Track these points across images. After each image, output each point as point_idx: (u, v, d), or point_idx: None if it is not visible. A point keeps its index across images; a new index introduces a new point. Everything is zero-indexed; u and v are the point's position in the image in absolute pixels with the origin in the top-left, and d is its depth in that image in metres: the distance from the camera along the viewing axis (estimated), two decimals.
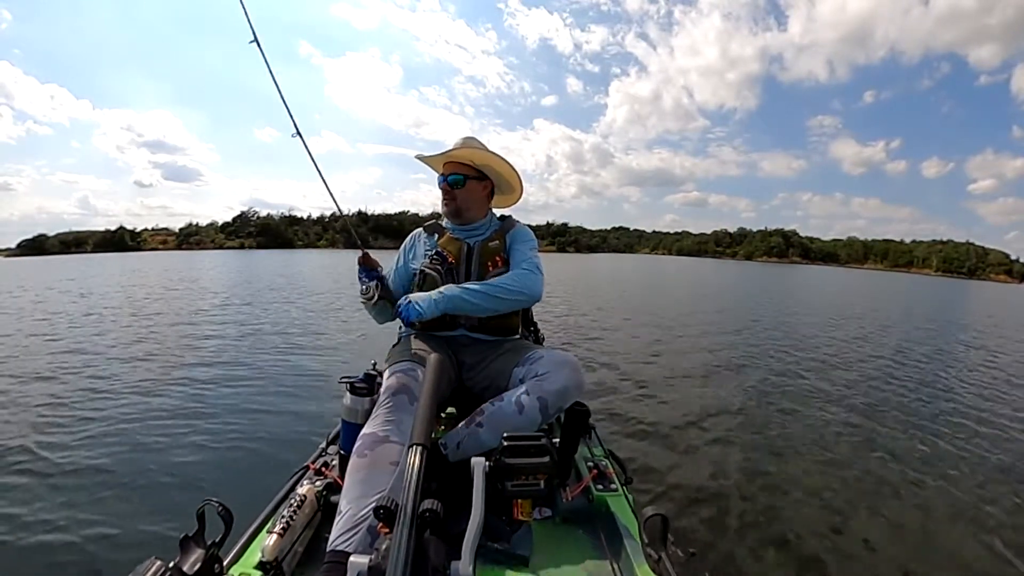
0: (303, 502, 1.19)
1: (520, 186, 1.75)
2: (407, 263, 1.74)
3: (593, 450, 1.63)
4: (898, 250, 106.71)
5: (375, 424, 1.20)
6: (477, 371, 1.54)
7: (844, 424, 4.22)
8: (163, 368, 4.21)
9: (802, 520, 2.69)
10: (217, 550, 0.99)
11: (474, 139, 1.67)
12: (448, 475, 1.24)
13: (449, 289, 1.48)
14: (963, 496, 2.99)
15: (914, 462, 3.49)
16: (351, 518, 1.02)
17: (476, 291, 1.47)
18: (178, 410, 3.83)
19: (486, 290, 1.47)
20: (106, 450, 3.13)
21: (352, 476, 1.11)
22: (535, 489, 1.06)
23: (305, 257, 43.90)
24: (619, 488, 1.40)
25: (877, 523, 2.69)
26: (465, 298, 1.46)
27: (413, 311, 1.44)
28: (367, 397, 1.42)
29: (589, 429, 1.71)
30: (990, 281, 77.51)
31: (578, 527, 1.31)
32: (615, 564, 1.16)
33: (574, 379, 1.32)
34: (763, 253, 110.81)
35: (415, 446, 0.78)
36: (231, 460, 3.04)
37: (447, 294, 1.46)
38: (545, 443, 1.08)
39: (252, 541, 1.10)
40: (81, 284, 16.66)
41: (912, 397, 5.14)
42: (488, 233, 1.67)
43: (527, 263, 1.56)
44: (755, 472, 3.25)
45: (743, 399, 4.86)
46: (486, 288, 1.47)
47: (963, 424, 4.31)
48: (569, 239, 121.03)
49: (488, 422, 1.30)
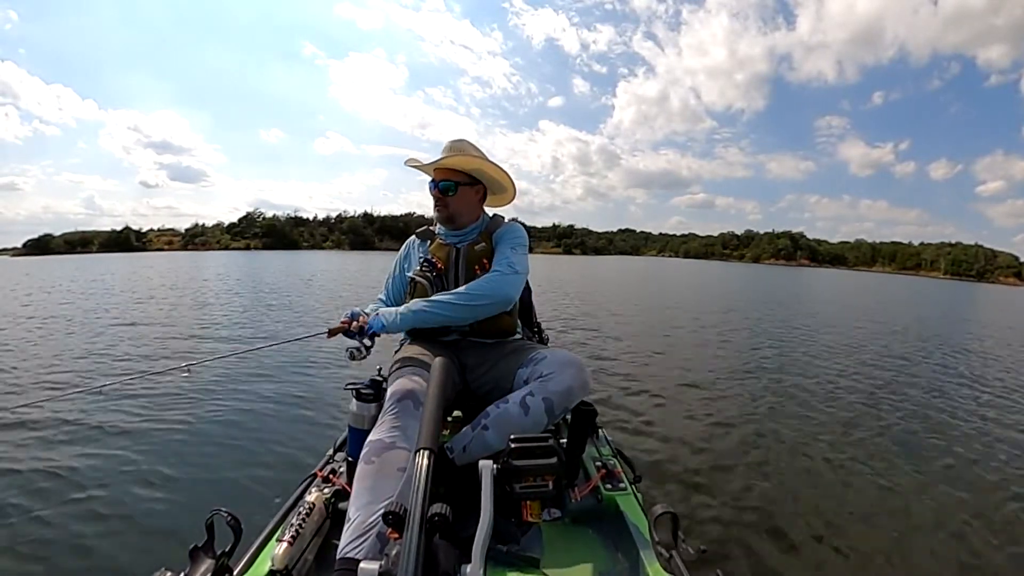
0: (312, 509, 1.19)
1: (512, 186, 1.73)
2: (403, 272, 1.76)
3: (601, 450, 1.63)
4: (906, 253, 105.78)
5: (381, 430, 1.20)
6: (481, 373, 1.54)
7: (856, 424, 4.20)
8: (168, 375, 4.20)
9: (813, 517, 2.69)
10: (227, 560, 0.99)
11: (464, 142, 1.65)
12: (456, 479, 1.24)
13: (415, 303, 1.48)
14: (981, 500, 2.98)
15: (929, 463, 3.48)
16: (360, 524, 1.02)
17: (441, 302, 1.46)
18: (184, 419, 3.81)
19: (452, 299, 1.46)
20: (112, 461, 3.11)
21: (360, 483, 1.11)
22: (543, 490, 1.06)
23: (310, 258, 44.09)
24: (628, 487, 1.40)
25: (888, 521, 2.68)
26: (430, 310, 1.45)
27: (377, 323, 1.46)
28: (373, 403, 1.42)
29: (596, 429, 1.71)
30: (999, 284, 76.70)
31: (588, 527, 1.31)
32: (626, 563, 1.16)
33: (579, 379, 1.31)
34: (770, 256, 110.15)
35: (422, 450, 0.78)
36: (239, 469, 3.03)
37: (412, 308, 1.46)
38: (552, 444, 1.07)
39: (262, 550, 1.10)
40: (82, 284, 16.80)
41: (930, 401, 5.10)
42: (475, 236, 1.65)
43: (502, 264, 1.53)
44: (765, 468, 3.26)
45: (751, 397, 4.85)
46: (452, 298, 1.46)
47: (983, 430, 4.27)
48: (575, 241, 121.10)
49: (494, 424, 1.30)
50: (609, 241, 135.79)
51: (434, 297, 1.48)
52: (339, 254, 62.47)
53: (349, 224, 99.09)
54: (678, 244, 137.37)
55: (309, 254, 60.52)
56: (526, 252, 1.63)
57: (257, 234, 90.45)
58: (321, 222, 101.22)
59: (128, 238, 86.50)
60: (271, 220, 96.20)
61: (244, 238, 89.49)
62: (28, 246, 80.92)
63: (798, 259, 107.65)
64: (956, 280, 78.75)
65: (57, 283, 17.83)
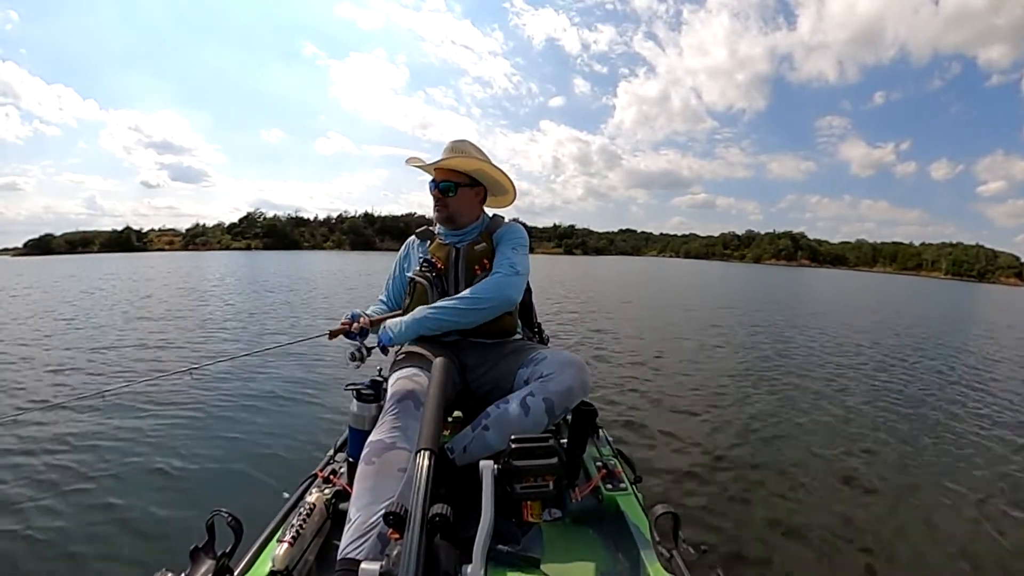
0: (312, 510, 1.19)
1: (512, 188, 1.73)
2: (403, 272, 1.76)
3: (601, 450, 1.63)
4: (907, 253, 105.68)
5: (382, 431, 1.20)
6: (481, 373, 1.54)
7: (857, 424, 4.21)
8: (168, 377, 4.21)
9: (814, 516, 2.70)
10: (228, 560, 0.99)
11: (466, 143, 1.65)
12: (456, 479, 1.24)
13: (419, 311, 1.48)
14: (985, 499, 2.98)
15: (931, 463, 3.49)
16: (361, 525, 1.02)
17: (445, 308, 1.46)
18: (185, 420, 3.81)
19: (456, 304, 1.46)
20: (113, 462, 3.11)
21: (361, 483, 1.11)
22: (544, 490, 1.05)
23: (311, 258, 44.09)
24: (628, 487, 1.40)
25: (890, 521, 2.68)
26: (435, 317, 1.46)
27: (386, 337, 1.47)
28: (374, 403, 1.42)
29: (597, 429, 1.71)
30: (1000, 284, 76.60)
31: (588, 527, 1.31)
32: (626, 563, 1.16)
33: (579, 379, 1.31)
34: (771, 256, 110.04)
35: (423, 451, 0.78)
36: (239, 469, 3.03)
37: (417, 317, 1.46)
38: (553, 444, 1.07)
39: (263, 550, 1.10)
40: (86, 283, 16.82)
41: (931, 401, 5.09)
42: (475, 236, 1.65)
43: (503, 266, 1.53)
44: (766, 468, 3.27)
45: (752, 398, 4.85)
46: (456, 303, 1.46)
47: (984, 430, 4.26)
48: (576, 241, 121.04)
49: (494, 425, 1.30)
50: (610, 241, 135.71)
51: (438, 303, 1.48)
52: (340, 254, 62.48)
53: (350, 224, 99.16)
54: (679, 244, 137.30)
55: (310, 254, 60.54)
56: (527, 253, 1.63)
57: (258, 234, 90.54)
58: (322, 222, 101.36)
59: (129, 238, 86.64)
60: (272, 220, 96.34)
61: (245, 238, 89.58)
62: (29, 246, 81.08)
63: (799, 259, 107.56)
64: (957, 280, 78.62)
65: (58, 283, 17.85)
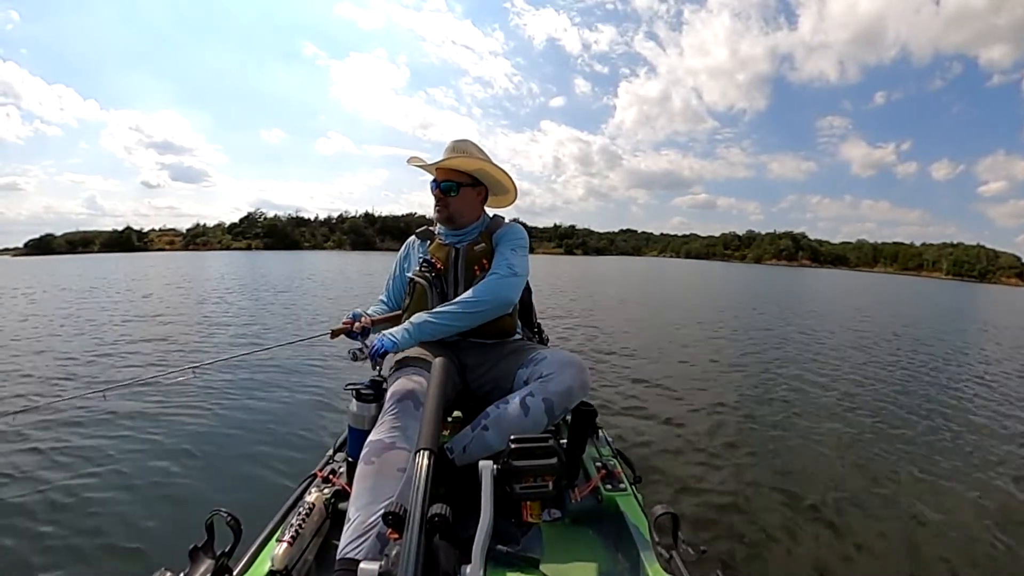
0: (312, 510, 1.19)
1: (514, 188, 1.73)
2: (403, 273, 1.76)
3: (601, 450, 1.63)
4: (908, 253, 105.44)
5: (381, 431, 1.21)
6: (481, 373, 1.54)
7: (859, 425, 4.21)
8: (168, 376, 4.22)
9: (813, 517, 2.70)
10: (227, 560, 0.99)
11: (467, 142, 1.65)
12: (456, 479, 1.25)
13: (417, 317, 1.47)
14: (986, 499, 2.98)
15: (934, 463, 3.48)
16: (360, 525, 1.03)
17: (444, 313, 1.46)
18: (184, 420, 3.80)
19: (456, 309, 1.46)
20: (112, 462, 3.11)
21: (360, 483, 1.11)
22: (543, 491, 1.06)
23: (312, 258, 44.10)
24: (628, 488, 1.40)
25: (888, 522, 2.68)
26: (436, 322, 1.45)
27: (388, 343, 1.41)
28: (373, 403, 1.42)
29: (596, 429, 1.71)
30: (1001, 284, 76.49)
31: (588, 527, 1.31)
32: (626, 563, 1.16)
33: (579, 379, 1.32)
34: (772, 256, 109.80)
35: (422, 451, 0.78)
36: (239, 469, 3.03)
37: (416, 323, 1.45)
38: (552, 444, 1.07)
39: (262, 550, 1.10)
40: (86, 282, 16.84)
41: (933, 401, 5.08)
42: (475, 236, 1.65)
43: (501, 267, 1.53)
44: (765, 469, 3.27)
45: (752, 398, 4.85)
46: (455, 307, 1.46)
47: (985, 430, 4.25)
48: (576, 241, 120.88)
49: (494, 425, 1.30)
50: (610, 241, 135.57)
51: (438, 309, 1.48)
52: (340, 254, 62.48)
53: (350, 224, 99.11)
54: (680, 244, 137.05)
55: (310, 254, 60.54)
56: (526, 254, 1.63)
57: (258, 234, 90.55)
58: (322, 222, 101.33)
59: (130, 238, 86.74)
60: (272, 220, 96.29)
61: (245, 238, 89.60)
62: (29, 246, 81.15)
63: (800, 259, 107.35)
64: (958, 281, 78.46)
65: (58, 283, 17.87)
